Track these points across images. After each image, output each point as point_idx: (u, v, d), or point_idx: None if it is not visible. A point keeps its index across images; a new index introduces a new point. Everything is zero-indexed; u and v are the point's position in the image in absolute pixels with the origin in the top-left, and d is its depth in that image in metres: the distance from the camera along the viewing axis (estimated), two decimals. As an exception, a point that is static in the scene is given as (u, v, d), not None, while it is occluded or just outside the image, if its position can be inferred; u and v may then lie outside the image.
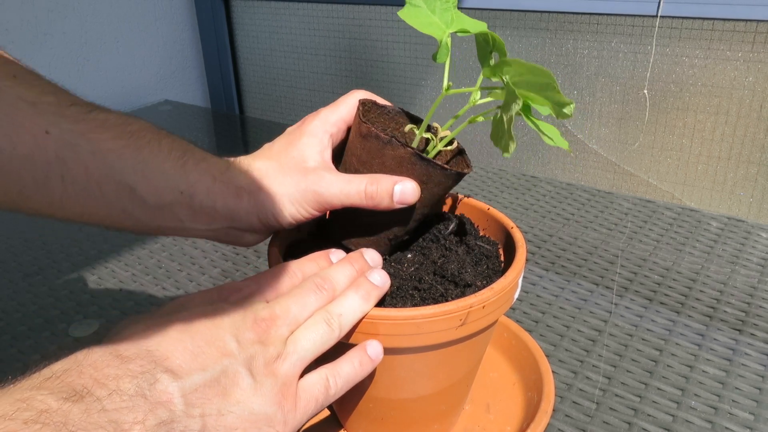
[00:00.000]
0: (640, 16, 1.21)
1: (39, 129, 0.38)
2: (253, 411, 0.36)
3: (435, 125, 0.46)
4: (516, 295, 0.45)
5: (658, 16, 1.19)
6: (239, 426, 0.35)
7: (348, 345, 0.41)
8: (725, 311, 0.67)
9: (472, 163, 0.46)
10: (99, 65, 1.52)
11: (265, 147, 0.48)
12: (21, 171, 0.38)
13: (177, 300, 0.41)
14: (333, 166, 0.46)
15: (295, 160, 0.45)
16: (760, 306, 0.68)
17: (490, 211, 0.52)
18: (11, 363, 0.62)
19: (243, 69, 1.81)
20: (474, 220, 0.52)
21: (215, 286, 0.44)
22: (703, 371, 0.58)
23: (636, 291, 0.71)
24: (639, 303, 0.68)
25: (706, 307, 0.68)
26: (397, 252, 0.49)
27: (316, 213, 0.45)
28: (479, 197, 0.94)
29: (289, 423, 0.37)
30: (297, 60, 1.68)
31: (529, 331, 0.60)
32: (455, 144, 0.46)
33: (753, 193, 1.24)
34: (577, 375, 0.58)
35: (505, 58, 0.38)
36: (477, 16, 0.41)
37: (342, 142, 0.49)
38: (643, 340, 0.63)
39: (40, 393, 0.30)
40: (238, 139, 1.36)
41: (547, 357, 0.55)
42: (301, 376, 0.39)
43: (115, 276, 0.76)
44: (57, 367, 0.32)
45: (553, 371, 0.56)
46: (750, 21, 1.12)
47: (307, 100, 1.70)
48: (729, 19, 1.14)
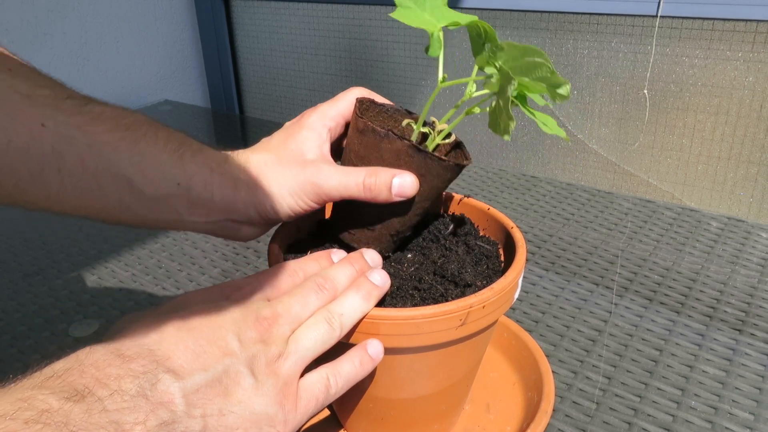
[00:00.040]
0: (640, 16, 1.21)
1: (35, 122, 0.38)
2: (255, 411, 0.36)
3: (432, 119, 0.46)
4: (516, 295, 0.45)
5: (658, 16, 1.19)
6: (240, 426, 0.35)
7: (348, 345, 0.41)
8: (725, 311, 0.67)
9: (471, 156, 0.46)
10: (99, 65, 1.52)
11: (263, 141, 0.48)
12: (17, 164, 0.38)
13: (178, 297, 0.41)
14: (332, 159, 0.46)
15: (294, 153, 0.45)
16: (760, 306, 0.68)
17: (490, 211, 0.52)
18: (11, 363, 0.62)
19: (243, 69, 1.81)
20: (474, 220, 0.52)
21: (216, 284, 0.44)
22: (703, 371, 0.58)
23: (636, 291, 0.71)
24: (639, 303, 0.68)
25: (706, 307, 0.68)
26: (397, 252, 0.49)
27: (314, 205, 0.45)
28: (479, 197, 0.94)
29: (290, 422, 0.38)
30: (297, 60, 1.68)
31: (529, 331, 0.60)
32: (453, 137, 0.46)
33: (753, 193, 1.24)
34: (577, 375, 0.58)
35: (497, 43, 0.38)
36: (477, 16, 0.41)
37: (340, 137, 0.49)
38: (643, 340, 0.63)
39: (41, 392, 0.29)
40: (238, 139, 1.36)
41: (547, 357, 0.55)
42: (302, 375, 0.39)
43: (115, 276, 0.76)
44: (58, 366, 0.32)
45: (553, 371, 0.56)
46: (750, 21, 1.12)
47: (307, 100, 1.70)
48: (729, 19, 1.14)
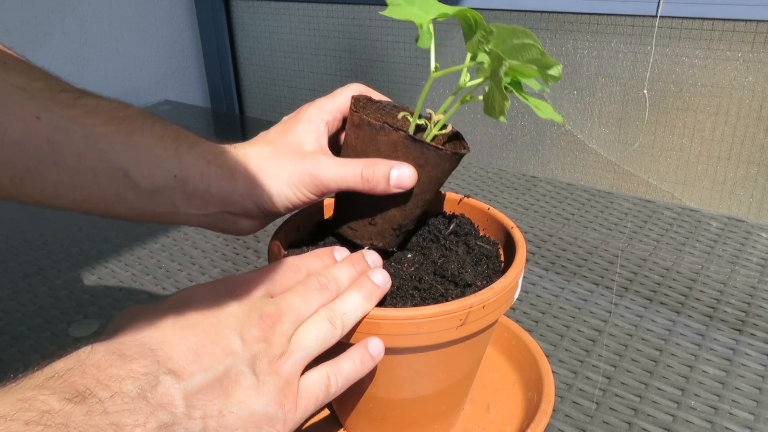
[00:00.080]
0: (639, 16, 1.21)
1: (30, 114, 0.38)
2: (255, 411, 0.36)
3: (429, 111, 0.46)
4: (516, 295, 0.45)
5: (657, 16, 1.19)
6: (240, 426, 0.35)
7: (346, 345, 0.41)
8: (725, 311, 0.67)
9: (468, 146, 0.46)
10: (99, 65, 1.52)
11: (260, 135, 0.48)
12: (12, 156, 0.38)
13: (181, 292, 0.40)
14: (329, 151, 0.46)
15: (292, 145, 0.45)
16: (760, 306, 0.68)
17: (490, 211, 0.52)
18: (11, 363, 0.62)
19: (243, 69, 1.81)
20: (474, 220, 0.52)
21: (219, 278, 0.43)
22: (703, 371, 0.58)
23: (636, 291, 0.71)
24: (639, 303, 0.68)
25: (706, 307, 0.68)
26: (397, 252, 0.49)
27: (312, 197, 0.45)
28: (479, 197, 0.94)
29: (289, 422, 0.38)
30: (297, 60, 1.68)
31: (529, 331, 0.60)
32: (450, 127, 0.46)
33: (753, 193, 1.24)
34: (577, 375, 0.58)
35: (486, 27, 0.39)
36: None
37: (338, 133, 0.49)
38: (643, 340, 0.63)
39: (42, 393, 0.29)
40: (238, 140, 1.36)
41: (547, 357, 0.55)
42: (302, 372, 0.39)
43: (115, 276, 0.76)
44: (59, 366, 0.32)
45: (553, 371, 0.56)
46: (750, 21, 1.12)
47: (307, 100, 1.69)
48: (729, 19, 1.14)
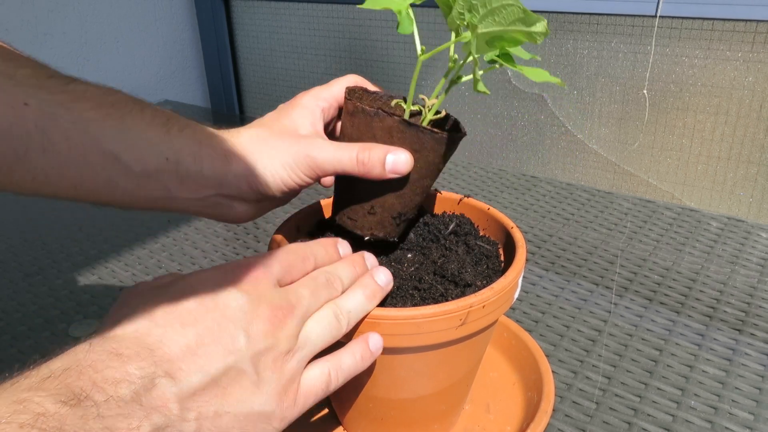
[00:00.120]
0: (639, 16, 1.21)
1: (17, 101, 0.38)
2: (253, 410, 0.36)
3: (422, 96, 0.46)
4: (516, 295, 0.45)
5: (657, 16, 1.19)
6: (236, 425, 0.35)
7: (342, 343, 0.41)
8: (725, 311, 0.67)
9: (465, 129, 0.46)
10: (99, 65, 1.53)
11: (256, 120, 0.48)
12: (1, 144, 0.38)
13: (187, 277, 0.39)
14: (325, 136, 0.46)
15: (287, 128, 0.45)
16: (760, 306, 0.68)
17: (490, 211, 0.52)
18: (11, 363, 0.62)
19: (243, 69, 1.81)
20: (474, 220, 0.52)
21: (227, 262, 0.42)
22: (703, 371, 0.58)
23: (636, 291, 0.71)
24: (639, 303, 0.68)
25: (706, 307, 0.68)
26: (397, 252, 0.49)
27: (308, 180, 0.45)
28: (479, 197, 0.94)
29: (287, 418, 0.37)
30: (297, 60, 1.68)
31: (529, 331, 0.60)
32: (444, 112, 0.46)
33: (753, 193, 1.24)
34: (577, 375, 0.58)
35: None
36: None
37: (333, 122, 0.49)
38: (643, 340, 0.63)
39: (37, 395, 0.29)
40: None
41: (547, 357, 0.55)
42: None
43: (115, 276, 0.76)
44: (56, 366, 0.31)
45: (553, 371, 0.56)
46: (750, 21, 1.12)
47: (307, 100, 1.70)
48: (729, 19, 1.14)
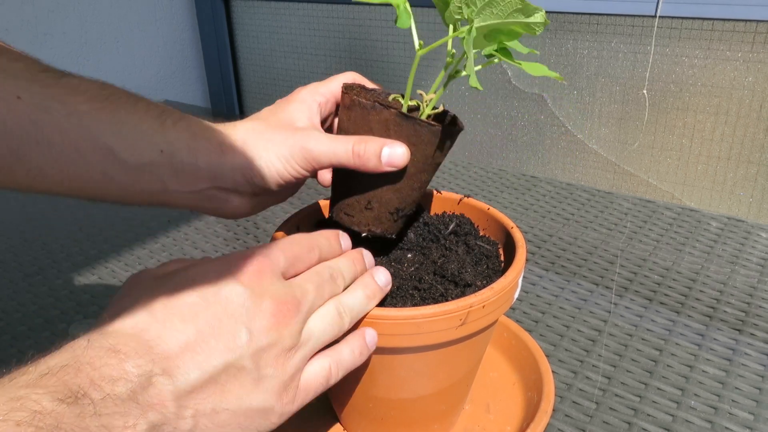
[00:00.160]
0: (639, 16, 1.21)
1: (10, 95, 0.38)
2: (251, 406, 0.35)
3: (420, 92, 0.46)
4: (516, 295, 0.45)
5: (657, 16, 1.19)
6: (233, 422, 0.35)
7: (336, 341, 0.41)
8: (725, 311, 0.67)
9: (463, 124, 0.46)
10: (99, 65, 1.53)
11: (252, 115, 0.48)
12: None
13: (191, 268, 0.38)
14: (321, 129, 0.46)
15: (284, 121, 0.45)
16: (760, 306, 0.68)
17: (490, 211, 0.52)
18: (11, 363, 0.62)
19: (243, 69, 1.81)
20: (474, 220, 0.52)
21: (231, 252, 0.42)
22: (703, 371, 0.58)
23: (636, 291, 0.71)
24: (639, 303, 0.68)
25: (706, 307, 0.68)
26: (397, 252, 0.49)
27: (304, 172, 0.44)
28: (479, 197, 0.94)
29: (285, 414, 0.37)
30: (297, 60, 1.68)
31: (529, 331, 0.60)
32: (442, 107, 0.46)
33: (753, 193, 1.24)
34: (577, 375, 0.58)
35: None
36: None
37: (330, 118, 0.49)
38: (643, 340, 0.63)
39: (35, 392, 0.29)
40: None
41: (547, 357, 0.55)
42: None
43: (115, 276, 0.76)
44: (54, 362, 0.31)
45: (553, 371, 0.56)
46: (750, 21, 1.12)
47: (307, 100, 1.70)
48: (729, 19, 1.14)
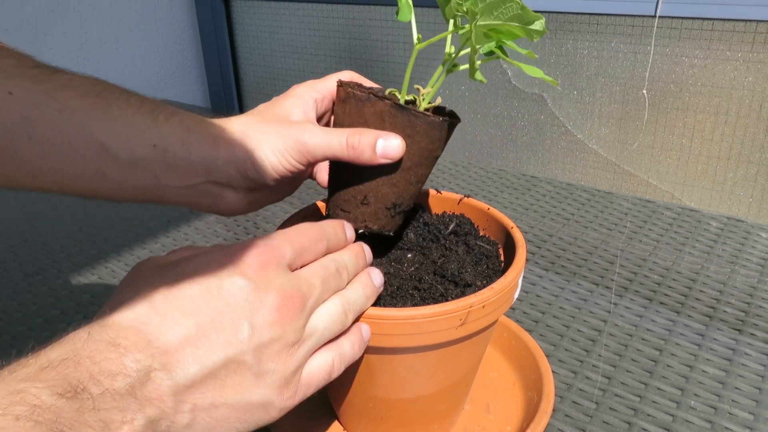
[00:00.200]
0: (639, 16, 1.21)
1: (1, 91, 0.38)
2: (251, 401, 0.35)
3: (416, 87, 0.46)
4: (516, 295, 0.45)
5: (657, 16, 1.19)
6: (232, 416, 0.35)
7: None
8: (725, 311, 0.67)
9: (460, 117, 0.46)
10: (99, 65, 1.53)
11: (247, 111, 0.48)
12: None
13: (193, 259, 0.37)
14: (317, 123, 0.46)
15: (279, 115, 0.45)
16: (760, 306, 0.68)
17: (490, 211, 0.52)
18: (11, 356, 0.62)
19: (243, 69, 1.81)
20: (474, 220, 0.52)
21: (237, 242, 0.41)
22: (703, 371, 0.58)
23: (636, 291, 0.71)
24: (639, 303, 0.68)
25: (706, 307, 0.68)
26: (397, 252, 0.49)
27: (299, 166, 0.44)
28: (479, 197, 0.94)
29: (286, 408, 0.37)
30: (297, 60, 1.68)
31: (529, 331, 0.60)
32: (439, 100, 0.46)
33: (753, 193, 1.24)
34: (577, 375, 0.58)
35: None
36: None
37: (327, 114, 0.49)
38: (643, 340, 0.63)
39: (34, 386, 0.29)
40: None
41: (547, 357, 0.55)
42: None
43: (115, 276, 0.76)
44: (54, 355, 0.31)
45: (553, 371, 0.56)
46: (750, 21, 1.12)
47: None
48: (729, 19, 1.14)
